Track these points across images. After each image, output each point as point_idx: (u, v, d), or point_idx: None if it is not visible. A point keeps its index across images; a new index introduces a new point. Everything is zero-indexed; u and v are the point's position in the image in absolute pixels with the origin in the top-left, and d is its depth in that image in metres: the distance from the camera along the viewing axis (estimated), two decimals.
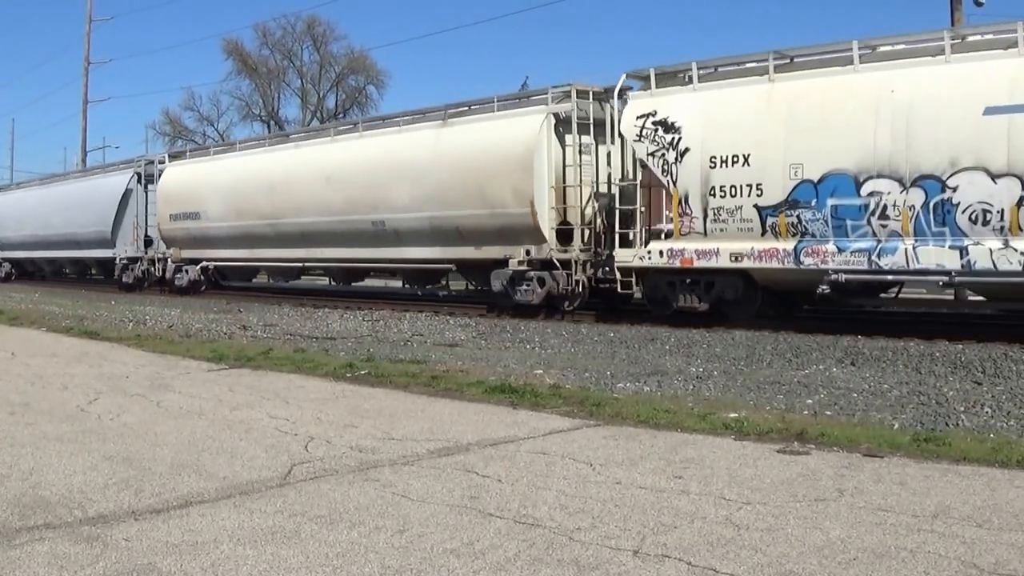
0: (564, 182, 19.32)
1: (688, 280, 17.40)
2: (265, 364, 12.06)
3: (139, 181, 32.64)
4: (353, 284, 26.94)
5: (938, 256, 14.35)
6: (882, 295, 17.11)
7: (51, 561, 4.46)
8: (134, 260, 32.78)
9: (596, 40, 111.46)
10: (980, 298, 16.65)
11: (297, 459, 6.64)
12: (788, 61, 16.63)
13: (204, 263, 29.38)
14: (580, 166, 19.10)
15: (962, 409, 8.52)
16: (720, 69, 17.55)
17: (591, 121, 19.21)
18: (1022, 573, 4.28)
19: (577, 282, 19.12)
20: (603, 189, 19.45)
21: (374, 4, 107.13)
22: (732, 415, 8.10)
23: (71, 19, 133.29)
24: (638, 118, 17.73)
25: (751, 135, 16.31)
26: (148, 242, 32.05)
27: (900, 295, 17.30)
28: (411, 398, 9.48)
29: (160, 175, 31.17)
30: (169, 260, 30.47)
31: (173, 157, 32.65)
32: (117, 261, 33.46)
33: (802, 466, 6.38)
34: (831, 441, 7.09)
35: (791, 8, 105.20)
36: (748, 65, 17.11)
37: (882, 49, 15.65)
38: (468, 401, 9.23)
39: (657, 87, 17.93)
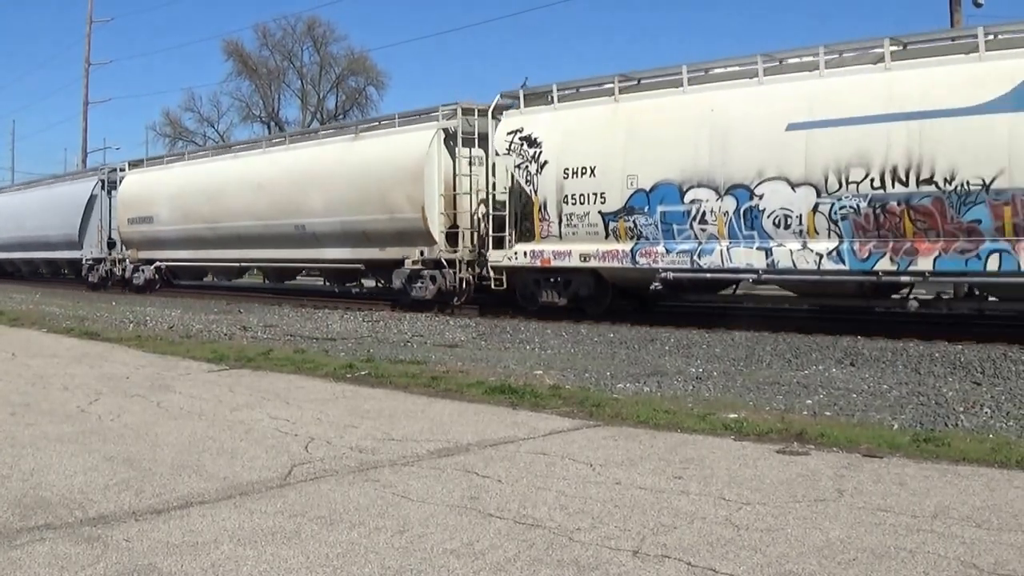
0: (454, 190, 21.49)
1: (550, 278, 19.50)
2: (265, 365, 12.06)
3: (103, 188, 34.74)
4: (286, 282, 30.03)
5: (747, 256, 16.43)
6: (722, 292, 18.99)
7: (51, 562, 4.47)
8: (99, 261, 35.11)
9: (597, 40, 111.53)
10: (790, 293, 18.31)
11: (297, 460, 6.64)
12: (635, 83, 18.80)
13: (157, 263, 32.05)
14: (470, 176, 21.33)
15: (961, 409, 8.52)
16: (580, 90, 19.79)
17: (476, 136, 21.29)
18: (1021, 573, 4.28)
19: (462, 280, 21.36)
20: (488, 197, 21.32)
21: (374, 5, 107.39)
22: (732, 415, 8.10)
23: (71, 20, 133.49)
24: (508, 134, 19.89)
25: (598, 149, 18.43)
26: (111, 244, 34.33)
27: (737, 291, 19.29)
28: (411, 399, 9.48)
29: (120, 182, 33.59)
30: (127, 260, 33.24)
31: (133, 165, 34.70)
32: (84, 262, 35.88)
33: (802, 466, 6.38)
34: (831, 441, 7.08)
35: (796, 7, 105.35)
36: (603, 86, 19.25)
37: (715, 71, 17.77)
38: (468, 402, 9.23)
39: (525, 106, 20.21)
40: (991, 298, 15.38)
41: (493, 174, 21.30)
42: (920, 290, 15.73)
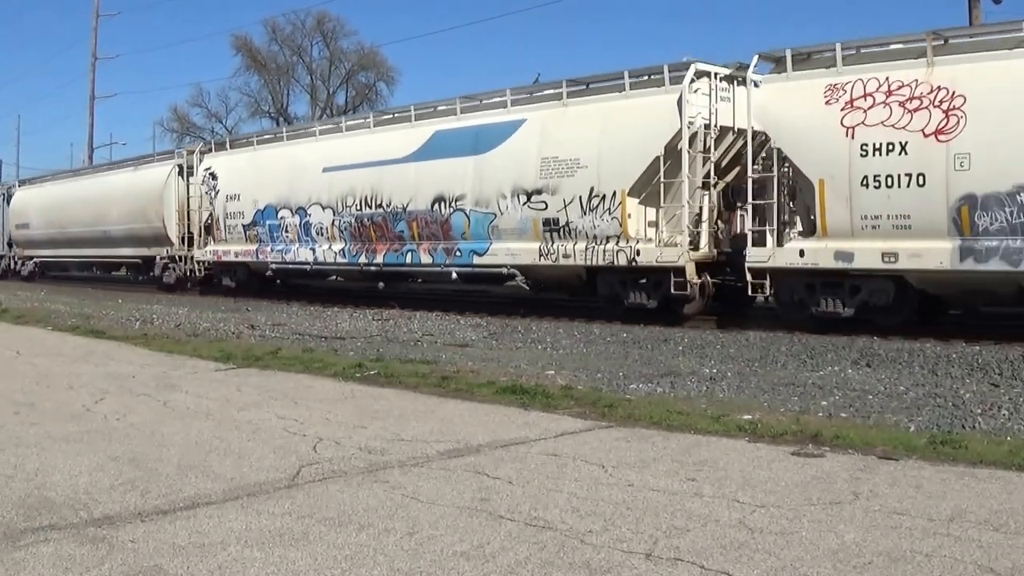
0: (188, 207, 31.02)
1: (225, 269, 29.40)
2: (273, 364, 12.02)
3: (5, 200, 44.84)
4: (112, 273, 39.05)
5: (305, 254, 25.75)
6: (326, 279, 28.71)
7: (56, 563, 4.43)
8: (1, 257, 45.77)
9: (608, 32, 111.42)
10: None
11: (305, 460, 6.59)
12: (271, 136, 29.72)
13: (35, 259, 42.46)
14: (200, 196, 30.09)
15: (979, 411, 8.43)
16: (235, 142, 30.92)
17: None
18: None
19: (191, 270, 30.72)
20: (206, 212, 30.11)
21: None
22: (746, 417, 8.03)
23: (78, 14, 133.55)
24: (204, 170, 29.86)
25: (242, 182, 28.12)
26: (11, 244, 44.43)
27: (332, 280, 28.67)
28: (421, 399, 9.43)
29: (13, 196, 44.23)
30: (17, 256, 43.87)
31: (23, 183, 45.90)
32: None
33: (817, 469, 6.32)
34: (846, 443, 7.01)
35: (803, 5, 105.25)
36: (248, 140, 30.16)
37: (293, 132, 29.01)
38: (479, 402, 9.17)
39: (215, 152, 30.52)
40: (419, 280, 26.24)
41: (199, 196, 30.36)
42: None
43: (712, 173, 17.53)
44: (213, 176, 29.23)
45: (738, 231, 18.32)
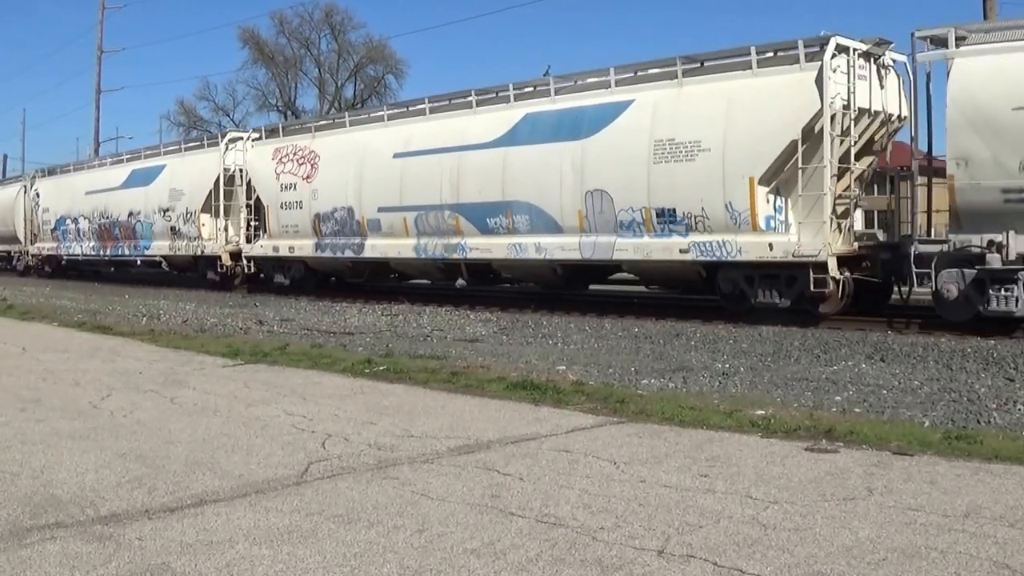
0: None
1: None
2: (281, 360, 11.99)
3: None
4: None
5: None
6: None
7: (63, 561, 4.40)
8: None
9: (619, 23, 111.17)
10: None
11: (314, 457, 6.56)
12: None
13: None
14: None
15: (994, 406, 8.36)
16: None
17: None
18: None
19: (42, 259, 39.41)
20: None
21: None
22: (759, 412, 7.98)
23: (84, 7, 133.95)
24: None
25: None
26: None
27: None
28: (431, 394, 9.39)
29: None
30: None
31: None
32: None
33: (830, 464, 6.26)
34: (860, 439, 6.97)
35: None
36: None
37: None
38: (489, 398, 9.12)
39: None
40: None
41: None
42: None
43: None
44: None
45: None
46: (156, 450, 6.78)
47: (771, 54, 16.70)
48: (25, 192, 41.71)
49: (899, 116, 16.71)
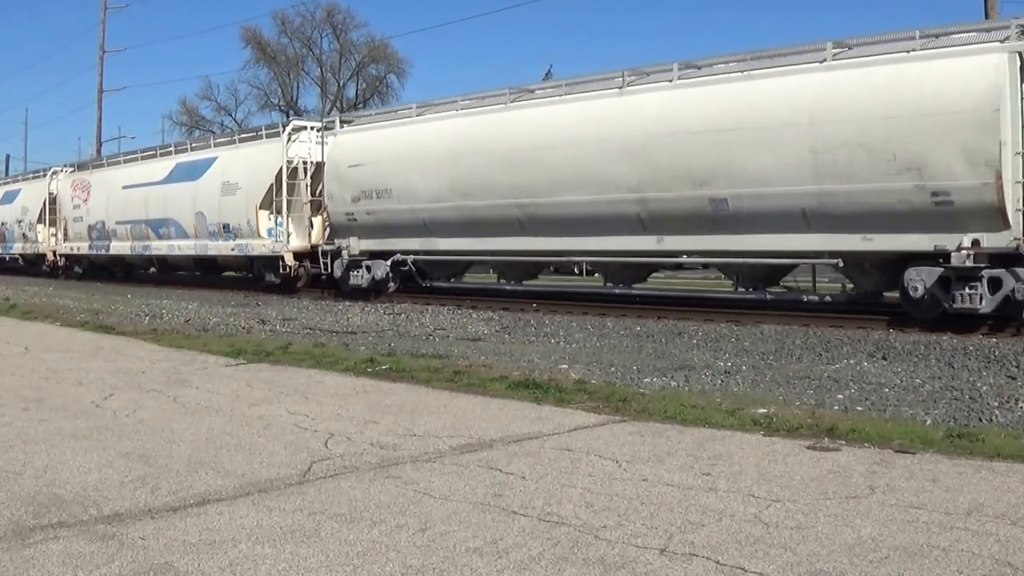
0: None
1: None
2: (284, 359, 11.99)
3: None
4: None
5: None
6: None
7: (65, 560, 4.40)
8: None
9: (619, 23, 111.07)
10: None
11: (317, 456, 6.55)
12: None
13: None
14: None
15: (996, 404, 8.36)
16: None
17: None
18: None
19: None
20: None
21: None
22: (761, 411, 7.98)
23: (85, 6, 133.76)
24: None
25: None
26: None
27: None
28: (433, 393, 9.39)
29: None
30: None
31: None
32: None
33: (832, 463, 6.26)
34: (862, 437, 6.96)
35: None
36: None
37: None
38: (491, 397, 9.12)
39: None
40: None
41: None
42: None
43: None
44: None
45: None
46: (159, 449, 6.78)
47: (263, 133, 28.03)
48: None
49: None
